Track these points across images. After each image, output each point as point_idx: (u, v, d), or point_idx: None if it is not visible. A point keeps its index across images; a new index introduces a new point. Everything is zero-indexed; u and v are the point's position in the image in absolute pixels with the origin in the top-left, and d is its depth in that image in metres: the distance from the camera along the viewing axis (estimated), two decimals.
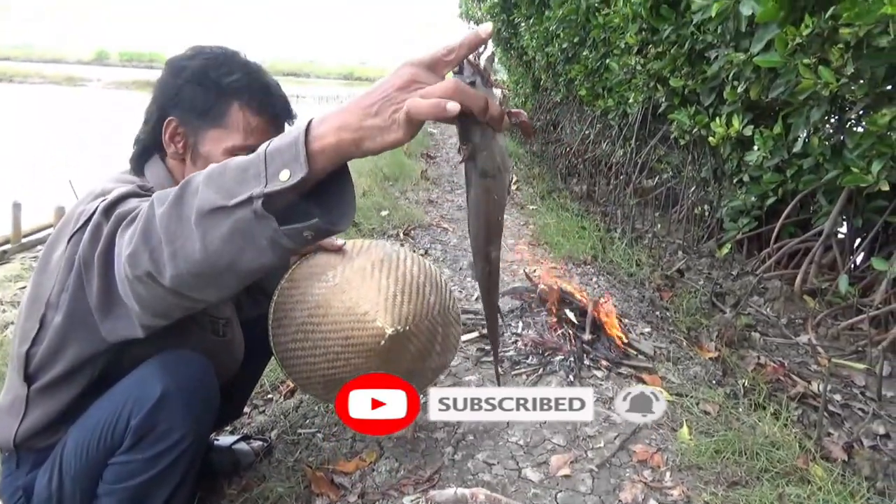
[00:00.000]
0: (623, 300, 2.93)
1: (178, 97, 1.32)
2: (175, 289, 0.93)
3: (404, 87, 0.79)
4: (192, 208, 0.87)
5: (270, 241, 0.85)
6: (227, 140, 1.31)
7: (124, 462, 1.23)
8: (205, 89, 1.31)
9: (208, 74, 1.31)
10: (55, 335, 1.22)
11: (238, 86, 1.31)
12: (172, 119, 1.33)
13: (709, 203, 4.50)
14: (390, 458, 1.70)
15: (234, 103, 1.31)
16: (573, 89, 7.27)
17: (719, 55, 3.66)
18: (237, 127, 1.31)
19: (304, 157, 0.81)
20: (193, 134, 1.32)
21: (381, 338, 1.43)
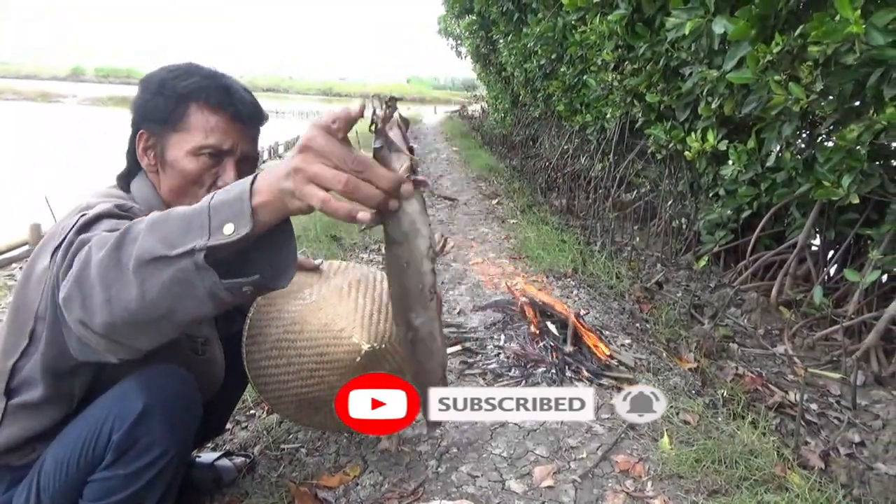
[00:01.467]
0: (603, 312, 2.96)
1: (145, 110, 1.33)
2: (107, 335, 0.92)
3: (301, 150, 0.81)
4: (131, 256, 0.87)
5: (209, 292, 0.85)
6: (189, 142, 1.30)
7: (105, 478, 1.21)
8: (165, 98, 1.31)
9: (167, 83, 1.32)
10: (46, 349, 1.21)
11: (194, 88, 1.31)
12: (143, 132, 1.34)
13: (686, 216, 4.57)
14: (374, 472, 1.70)
15: (192, 105, 1.31)
16: (551, 105, 7.37)
17: (693, 72, 3.74)
18: (197, 128, 1.31)
19: (249, 212, 0.82)
20: (161, 143, 1.32)
21: (357, 354, 1.43)
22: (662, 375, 2.32)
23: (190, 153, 1.30)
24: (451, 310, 2.84)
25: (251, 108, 1.38)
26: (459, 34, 16.82)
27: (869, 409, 2.55)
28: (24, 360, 1.24)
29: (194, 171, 1.30)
